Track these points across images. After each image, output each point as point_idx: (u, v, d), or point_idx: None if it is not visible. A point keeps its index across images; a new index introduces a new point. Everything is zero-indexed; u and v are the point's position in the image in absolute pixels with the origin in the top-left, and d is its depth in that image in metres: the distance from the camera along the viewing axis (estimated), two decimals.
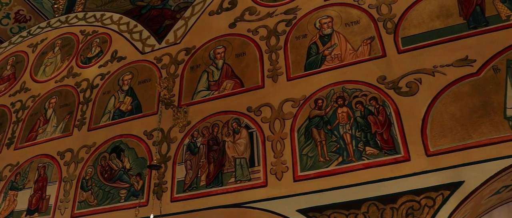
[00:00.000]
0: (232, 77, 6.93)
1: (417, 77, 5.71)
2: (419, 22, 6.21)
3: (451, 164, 5.02)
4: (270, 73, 6.63)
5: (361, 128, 5.62)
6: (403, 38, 6.15)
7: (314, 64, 6.44)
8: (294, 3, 7.31)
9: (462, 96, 5.40)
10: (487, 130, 5.09)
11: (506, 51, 5.53)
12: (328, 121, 5.83)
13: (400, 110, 5.56)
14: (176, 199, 6.20)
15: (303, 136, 5.86)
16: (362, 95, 5.85)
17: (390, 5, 6.53)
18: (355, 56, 6.25)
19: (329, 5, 7.00)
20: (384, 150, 5.37)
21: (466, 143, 5.08)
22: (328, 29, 6.71)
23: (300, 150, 5.77)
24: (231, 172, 6.04)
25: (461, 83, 5.49)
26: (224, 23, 7.74)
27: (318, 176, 5.50)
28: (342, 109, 5.85)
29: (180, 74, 7.46)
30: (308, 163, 5.63)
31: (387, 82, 5.82)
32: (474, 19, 5.98)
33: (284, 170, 5.71)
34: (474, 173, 4.89)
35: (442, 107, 5.41)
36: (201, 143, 6.50)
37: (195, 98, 7.03)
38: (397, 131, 5.43)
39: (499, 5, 5.98)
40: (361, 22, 6.56)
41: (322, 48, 6.55)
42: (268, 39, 7.04)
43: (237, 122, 6.41)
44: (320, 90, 6.13)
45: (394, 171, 5.19)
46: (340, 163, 5.48)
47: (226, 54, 7.27)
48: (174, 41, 8.04)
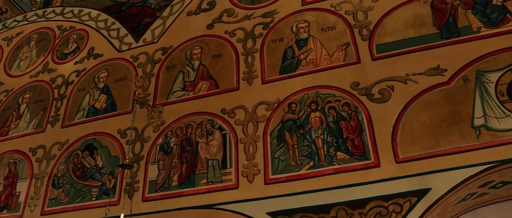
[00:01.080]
0: (207, 78, 6.94)
1: (390, 85, 5.80)
2: (394, 30, 6.30)
3: (419, 171, 5.12)
4: (246, 76, 6.66)
5: (333, 133, 5.68)
6: (377, 45, 6.23)
7: (289, 68, 6.49)
8: (272, 6, 7.35)
9: (433, 104, 5.50)
10: (455, 139, 5.19)
11: (476, 62, 5.66)
12: (301, 125, 5.88)
13: (372, 116, 5.64)
14: (147, 199, 6.19)
15: (275, 139, 5.90)
16: (335, 101, 5.91)
17: (366, 12, 6.61)
18: (330, 62, 6.31)
19: (306, 10, 7.06)
20: (355, 155, 5.44)
21: (435, 151, 5.18)
22: (304, 34, 6.76)
23: (272, 153, 5.81)
24: (203, 173, 6.05)
25: (432, 92, 5.60)
26: (202, 24, 7.75)
27: (289, 179, 5.55)
28: (315, 113, 5.90)
29: (156, 74, 7.44)
30: (279, 166, 5.68)
31: (360, 88, 5.89)
32: (447, 29, 6.09)
33: (255, 173, 5.74)
34: (441, 181, 5.00)
35: (413, 115, 5.50)
36: (175, 143, 6.50)
37: (170, 98, 7.02)
38: (368, 137, 5.51)
39: (470, 17, 6.10)
40: (337, 28, 6.63)
41: (297, 52, 6.60)
42: (245, 42, 7.07)
43: (211, 123, 6.42)
44: (294, 94, 6.18)
45: (363, 177, 5.27)
46: (311, 167, 5.53)
47: (202, 55, 7.28)
48: (151, 40, 8.02)
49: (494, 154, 5.00)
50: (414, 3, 6.49)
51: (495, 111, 5.27)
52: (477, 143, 5.10)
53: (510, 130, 5.09)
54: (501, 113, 5.25)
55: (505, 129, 5.12)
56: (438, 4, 6.38)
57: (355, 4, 6.77)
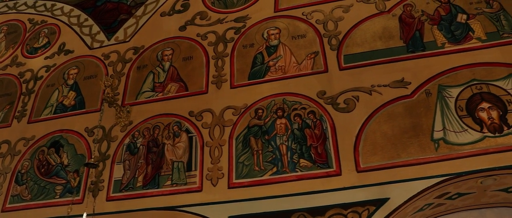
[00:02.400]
0: (177, 80, 6.97)
1: (355, 95, 5.93)
2: (362, 41, 6.44)
3: (378, 181, 5.27)
4: (215, 80, 6.71)
5: (297, 140, 5.78)
6: (345, 55, 6.37)
7: (258, 74, 6.57)
8: (245, 11, 7.42)
9: (395, 116, 5.65)
10: (414, 151, 5.35)
11: (439, 77, 5.84)
12: (266, 131, 5.97)
13: (336, 125, 5.77)
14: (111, 198, 6.19)
15: (241, 144, 5.98)
16: (301, 108, 6.02)
17: (337, 22, 6.74)
18: (298, 70, 6.42)
19: (278, 17, 7.15)
20: (317, 163, 5.55)
21: (395, 162, 5.34)
22: (275, 41, 6.85)
23: (237, 158, 5.88)
24: (168, 174, 6.08)
25: (395, 104, 5.76)
26: (174, 25, 7.77)
27: (252, 184, 5.63)
28: (281, 120, 6.00)
29: (126, 73, 7.43)
30: (243, 171, 5.75)
31: (326, 97, 6.01)
32: (413, 43, 6.26)
33: (219, 176, 5.80)
34: (399, 191, 5.16)
35: (376, 126, 5.64)
36: (141, 143, 6.51)
37: (139, 98, 7.03)
38: (331, 146, 5.63)
39: (436, 32, 6.29)
40: (307, 36, 6.74)
41: (267, 58, 6.69)
42: (216, 45, 7.13)
43: (178, 125, 6.46)
44: (262, 100, 6.27)
45: (325, 184, 5.39)
46: (274, 173, 5.63)
47: (173, 57, 7.30)
48: (123, 39, 8.01)
49: (451, 167, 5.19)
50: (383, 16, 6.65)
51: (454, 125, 5.45)
52: (435, 155, 5.27)
53: (466, 144, 5.28)
54: (460, 127, 5.43)
55: (462, 142, 5.31)
56: (406, 18, 6.54)
57: (326, 13, 6.89)
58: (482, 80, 5.71)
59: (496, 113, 5.44)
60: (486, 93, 5.62)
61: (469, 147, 5.27)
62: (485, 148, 5.23)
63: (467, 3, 6.51)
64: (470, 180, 5.34)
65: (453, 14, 6.43)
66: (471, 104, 5.58)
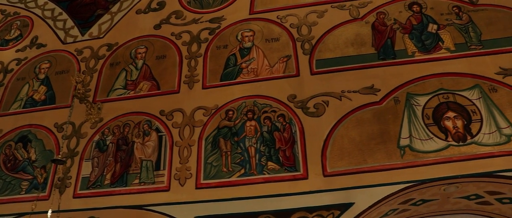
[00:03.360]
0: (149, 78, 6.94)
1: (325, 100, 6.00)
2: (334, 47, 6.51)
3: (344, 185, 5.35)
4: (187, 80, 6.71)
5: (266, 143, 5.82)
6: (317, 60, 6.44)
7: (230, 75, 6.59)
8: (220, 12, 7.44)
9: (364, 122, 5.74)
10: (381, 157, 5.45)
11: (408, 85, 5.95)
12: (236, 133, 6.00)
13: (305, 129, 5.83)
14: (78, 195, 6.13)
15: (210, 145, 5.99)
16: (271, 111, 6.06)
17: (310, 27, 6.81)
18: (270, 73, 6.46)
19: (253, 19, 7.18)
20: (285, 166, 5.60)
21: (361, 167, 5.43)
22: (248, 43, 6.88)
23: (206, 158, 5.90)
24: (137, 173, 6.06)
25: (364, 110, 5.85)
26: (149, 24, 7.74)
27: (219, 185, 5.65)
28: (251, 122, 6.03)
29: (99, 70, 7.37)
30: (211, 172, 5.77)
31: (296, 101, 6.06)
32: (384, 50, 6.36)
33: (187, 176, 5.81)
34: (364, 196, 5.24)
35: (344, 131, 5.72)
36: (111, 141, 6.47)
37: (110, 95, 6.98)
38: (299, 149, 5.68)
39: (407, 41, 6.41)
40: (281, 40, 6.79)
41: (240, 60, 6.72)
42: (190, 45, 7.13)
43: (148, 124, 6.44)
44: (233, 102, 6.30)
45: (291, 188, 5.44)
46: (242, 175, 5.66)
47: (147, 55, 7.27)
48: (97, 35, 7.94)
49: (415, 174, 5.30)
50: (357, 22, 6.75)
51: (420, 133, 5.56)
52: (401, 162, 5.38)
53: (431, 152, 5.40)
54: (425, 135, 5.54)
55: (427, 150, 5.42)
56: (379, 25, 6.64)
57: (300, 18, 6.96)
58: (449, 90, 5.85)
59: (460, 122, 5.57)
60: (452, 103, 5.75)
61: (433, 155, 5.39)
62: (449, 156, 5.35)
63: (438, 14, 6.64)
64: (433, 187, 5.45)
65: (425, 24, 6.56)
66: (438, 113, 5.70)
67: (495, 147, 5.36)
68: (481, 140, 5.43)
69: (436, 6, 6.75)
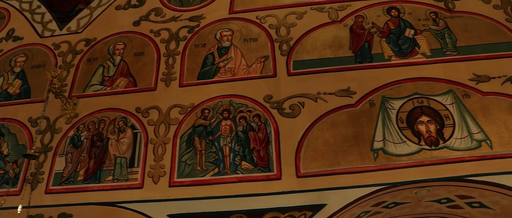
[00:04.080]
0: (127, 75, 6.89)
1: (301, 101, 6.03)
2: (312, 49, 6.55)
3: (317, 187, 5.38)
4: (164, 77, 6.68)
5: (241, 143, 5.83)
6: (295, 61, 6.46)
7: (207, 74, 6.58)
8: (200, 11, 7.42)
9: (338, 124, 5.78)
10: (354, 159, 5.49)
11: (383, 88, 6.02)
12: (211, 132, 5.99)
13: (280, 130, 5.85)
14: (50, 191, 6.05)
15: (185, 143, 5.97)
16: (247, 111, 6.07)
17: (289, 28, 6.83)
18: (248, 73, 6.47)
19: (232, 19, 7.18)
20: (259, 166, 5.61)
21: (334, 169, 5.47)
22: (227, 42, 6.88)
23: (180, 157, 5.88)
24: (110, 170, 6.01)
25: (339, 112, 5.89)
26: (128, 20, 7.67)
27: (193, 184, 5.64)
28: (226, 121, 6.03)
29: (76, 65, 7.29)
30: (185, 170, 5.75)
31: (272, 101, 6.08)
32: (361, 54, 6.41)
33: (161, 174, 5.78)
34: (336, 198, 5.28)
35: (319, 133, 5.75)
36: (85, 137, 6.41)
37: (86, 91, 6.90)
38: (273, 150, 5.70)
39: (384, 45, 6.47)
40: (259, 40, 6.80)
41: (218, 59, 6.71)
42: (168, 43, 7.09)
43: (124, 121, 6.39)
44: (209, 100, 6.29)
45: (264, 188, 5.46)
46: (216, 174, 5.66)
47: (125, 51, 7.21)
48: (76, 30, 7.85)
49: (388, 177, 5.36)
50: (335, 25, 6.79)
51: (393, 136, 5.62)
52: (374, 165, 5.44)
53: (404, 155, 5.47)
54: (399, 138, 5.60)
55: (400, 153, 5.49)
56: (357, 29, 6.69)
57: (279, 19, 6.97)
58: (424, 95, 5.93)
59: (434, 127, 5.65)
60: (426, 107, 5.83)
61: (406, 158, 5.45)
62: (421, 160, 5.42)
63: (415, 19, 6.72)
64: (405, 190, 5.52)
65: (402, 29, 6.63)
66: (411, 117, 5.77)
67: (466, 152, 5.44)
68: (453, 145, 5.51)
69: (414, 12, 6.82)
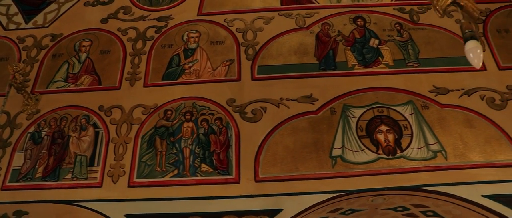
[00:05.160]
0: (91, 73, 6.84)
1: (263, 106, 6.09)
2: (277, 54, 6.62)
3: (274, 191, 5.44)
4: (129, 76, 6.65)
5: (202, 145, 5.85)
6: (259, 66, 6.52)
7: (172, 75, 6.59)
8: (168, 11, 7.40)
9: (299, 131, 5.85)
10: (312, 165, 5.58)
11: (345, 96, 6.12)
12: (173, 133, 6.00)
13: (241, 134, 5.90)
14: (7, 187, 5.94)
15: (146, 144, 5.96)
16: (210, 114, 6.10)
17: (256, 33, 6.88)
18: (212, 75, 6.50)
19: (200, 21, 7.19)
20: (218, 169, 5.65)
21: (292, 175, 5.54)
22: (193, 44, 6.89)
23: (140, 157, 5.87)
24: (70, 168, 5.95)
25: (301, 118, 5.97)
26: (96, 17, 7.58)
27: (152, 184, 5.63)
28: (188, 123, 6.05)
29: (41, 60, 7.19)
30: (145, 171, 5.74)
31: (235, 105, 6.12)
32: (325, 61, 6.51)
33: (121, 174, 5.75)
34: (293, 203, 5.35)
35: (279, 138, 5.82)
36: (46, 134, 6.33)
37: (50, 87, 6.81)
38: (233, 154, 5.74)
39: (348, 54, 6.58)
40: (225, 43, 6.84)
41: (183, 61, 6.72)
42: (135, 42, 7.06)
43: (86, 119, 6.34)
44: (172, 102, 6.29)
45: (222, 191, 5.49)
46: (175, 176, 5.66)
47: (91, 49, 7.14)
48: (42, 24, 7.73)
49: (345, 184, 5.46)
50: (302, 32, 6.88)
51: (352, 144, 5.72)
52: (331, 171, 5.53)
53: (361, 163, 5.58)
54: (357, 146, 5.70)
55: (358, 162, 5.59)
56: (323, 36, 6.79)
57: (247, 23, 7.02)
58: (384, 104, 6.05)
59: (392, 136, 5.77)
60: (386, 117, 5.95)
61: (363, 167, 5.56)
62: (378, 169, 5.53)
63: (380, 29, 6.85)
64: (362, 198, 5.61)
65: (367, 38, 6.75)
66: (371, 126, 5.88)
67: (421, 162, 5.57)
68: (409, 155, 5.64)
69: (379, 22, 6.95)
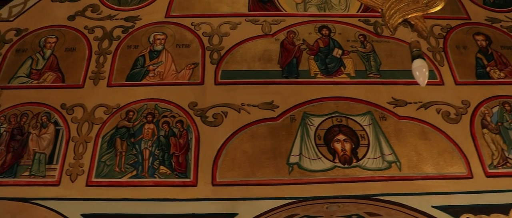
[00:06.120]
0: (55, 70, 6.78)
1: (225, 111, 6.17)
2: (242, 60, 6.71)
3: (231, 196, 5.54)
4: (93, 76, 6.64)
5: (161, 147, 5.90)
6: (223, 71, 6.60)
7: (136, 76, 6.61)
8: (137, 12, 7.39)
9: (258, 136, 5.96)
10: (269, 171, 5.69)
11: (306, 105, 6.24)
12: (133, 134, 6.03)
13: (201, 137, 5.97)
14: None
15: (106, 144, 5.97)
16: (171, 116, 6.15)
17: (222, 38, 6.96)
18: (176, 78, 6.55)
19: (168, 23, 7.22)
20: (177, 172, 5.71)
21: (249, 180, 5.64)
22: (159, 46, 6.92)
23: (100, 156, 5.87)
24: (28, 165, 5.89)
25: (261, 124, 6.07)
26: (64, 13, 7.51)
27: (110, 184, 5.65)
28: (150, 125, 6.09)
29: (4, 54, 7.09)
30: (104, 170, 5.75)
31: (197, 109, 6.19)
32: (288, 69, 6.63)
33: (79, 173, 5.75)
34: (248, 208, 5.46)
35: (238, 143, 5.91)
36: (5, 129, 6.26)
37: (12, 82, 6.72)
38: (192, 157, 5.82)
39: (311, 62, 6.72)
40: (191, 47, 6.89)
41: (148, 62, 6.74)
42: (101, 41, 7.04)
43: (47, 116, 6.30)
44: (135, 103, 6.31)
45: (180, 194, 5.55)
46: (133, 177, 5.70)
47: (56, 46, 7.08)
48: (6, 18, 7.62)
49: (301, 191, 5.59)
50: (267, 38, 6.98)
51: (310, 152, 5.85)
52: (287, 178, 5.65)
53: (318, 171, 5.73)
54: (315, 154, 5.84)
55: (314, 169, 5.73)
56: (288, 44, 6.91)
57: (214, 27, 7.09)
58: (343, 114, 6.21)
59: (349, 146, 5.92)
60: (344, 126, 6.10)
61: (319, 174, 5.70)
62: (334, 177, 5.68)
63: (344, 40, 7.01)
64: (317, 205, 5.75)
65: (331, 48, 6.90)
66: (329, 134, 6.03)
67: (376, 172, 5.74)
68: (365, 164, 5.80)
69: (344, 32, 7.11)
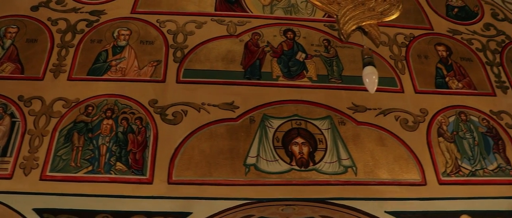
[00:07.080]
0: (15, 61, 6.65)
1: (184, 109, 6.18)
2: (205, 59, 6.72)
3: (186, 195, 5.55)
4: (54, 68, 6.54)
5: (119, 143, 5.87)
6: (186, 69, 6.60)
7: (98, 71, 6.54)
8: (102, 6, 7.31)
9: (216, 136, 5.99)
10: (226, 172, 5.73)
11: (266, 106, 6.29)
12: (92, 129, 5.98)
13: (159, 135, 5.96)
14: None
15: (63, 138, 5.90)
16: (130, 113, 6.12)
17: (187, 36, 6.95)
18: (138, 75, 6.52)
19: (133, 19, 7.17)
20: (133, 169, 5.69)
21: (205, 179, 5.66)
22: (123, 41, 6.88)
23: (56, 151, 5.79)
24: None
25: (220, 124, 6.10)
26: (27, 3, 7.35)
27: (65, 179, 5.59)
28: (108, 121, 6.05)
29: None
30: (59, 165, 5.68)
31: (157, 106, 6.17)
32: (251, 70, 6.67)
33: (33, 167, 5.67)
34: (203, 207, 5.49)
35: (196, 142, 5.93)
36: None
37: None
38: (149, 154, 5.80)
39: (274, 65, 6.78)
40: (155, 44, 6.86)
41: (111, 57, 6.69)
42: (64, 34, 6.94)
43: (3, 108, 6.18)
44: (95, 98, 6.25)
45: (135, 191, 5.54)
46: (89, 172, 5.65)
47: (17, 36, 6.94)
48: None
49: (256, 192, 5.65)
50: (232, 39, 7.01)
51: (267, 154, 5.91)
52: (244, 179, 5.70)
53: (274, 173, 5.79)
54: (272, 156, 5.90)
55: (271, 171, 5.79)
56: (252, 45, 6.95)
57: (179, 25, 7.08)
58: (303, 117, 6.28)
59: (307, 149, 6.00)
60: (303, 130, 6.17)
61: (276, 176, 5.76)
62: (290, 180, 5.75)
63: (308, 44, 7.09)
64: (272, 207, 5.82)
65: (294, 51, 6.97)
66: (287, 137, 6.09)
67: (332, 176, 5.83)
68: (321, 168, 5.88)
69: (308, 36, 7.19)
